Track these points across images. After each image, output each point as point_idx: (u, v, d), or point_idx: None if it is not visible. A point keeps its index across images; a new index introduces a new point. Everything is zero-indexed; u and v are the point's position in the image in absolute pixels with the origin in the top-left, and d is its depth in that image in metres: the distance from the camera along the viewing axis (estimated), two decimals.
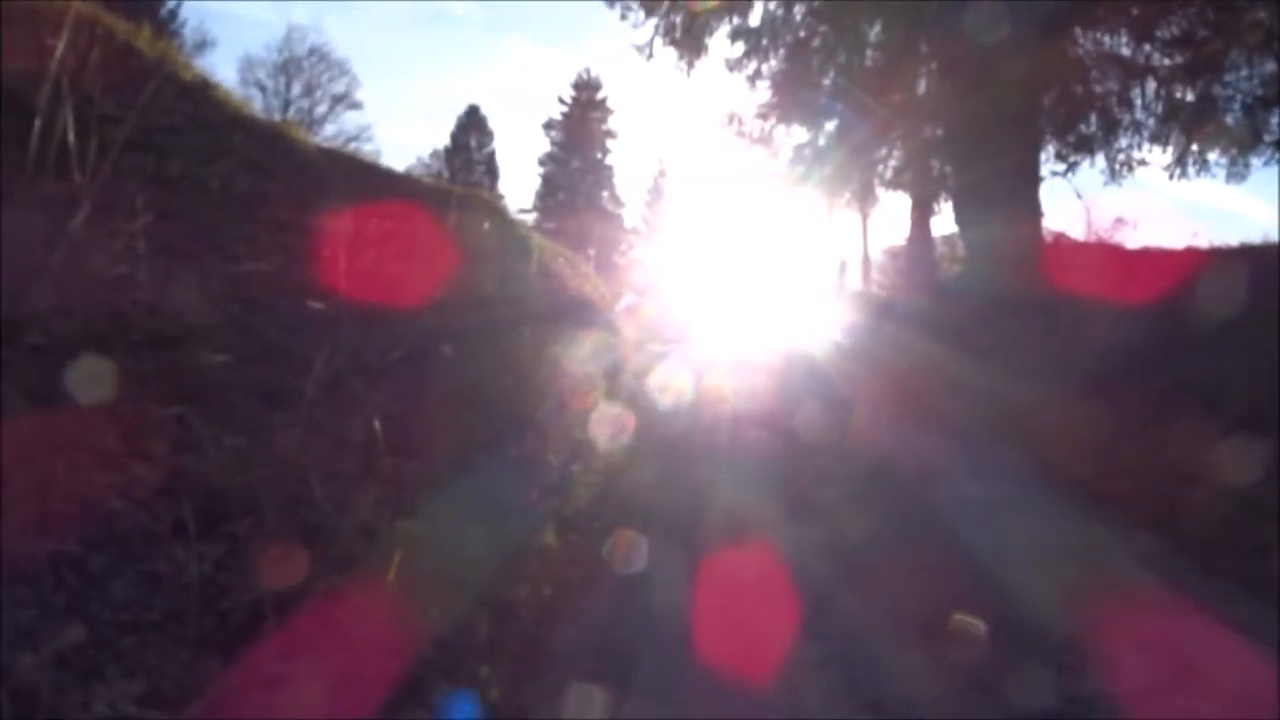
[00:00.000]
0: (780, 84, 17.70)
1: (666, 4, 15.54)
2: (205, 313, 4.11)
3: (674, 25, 15.73)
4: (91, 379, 3.20)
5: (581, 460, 7.07)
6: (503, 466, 5.68)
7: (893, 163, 20.24)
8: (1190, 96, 15.32)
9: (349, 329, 4.96)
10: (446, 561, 4.07)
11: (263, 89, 46.52)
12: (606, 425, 8.73)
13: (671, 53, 16.16)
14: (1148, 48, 15.24)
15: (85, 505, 2.86)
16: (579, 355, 9.89)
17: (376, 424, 4.36)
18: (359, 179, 7.68)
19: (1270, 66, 14.18)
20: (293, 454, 3.77)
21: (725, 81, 18.10)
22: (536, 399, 7.30)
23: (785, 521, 6.50)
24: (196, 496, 3.18)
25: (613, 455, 7.91)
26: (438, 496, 4.50)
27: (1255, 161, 15.63)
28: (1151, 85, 15.71)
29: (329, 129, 46.85)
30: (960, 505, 6.79)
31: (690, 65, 16.28)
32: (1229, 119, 15.24)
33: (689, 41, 15.96)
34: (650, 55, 16.07)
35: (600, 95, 59.22)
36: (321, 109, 47.93)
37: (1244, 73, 14.69)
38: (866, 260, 25.61)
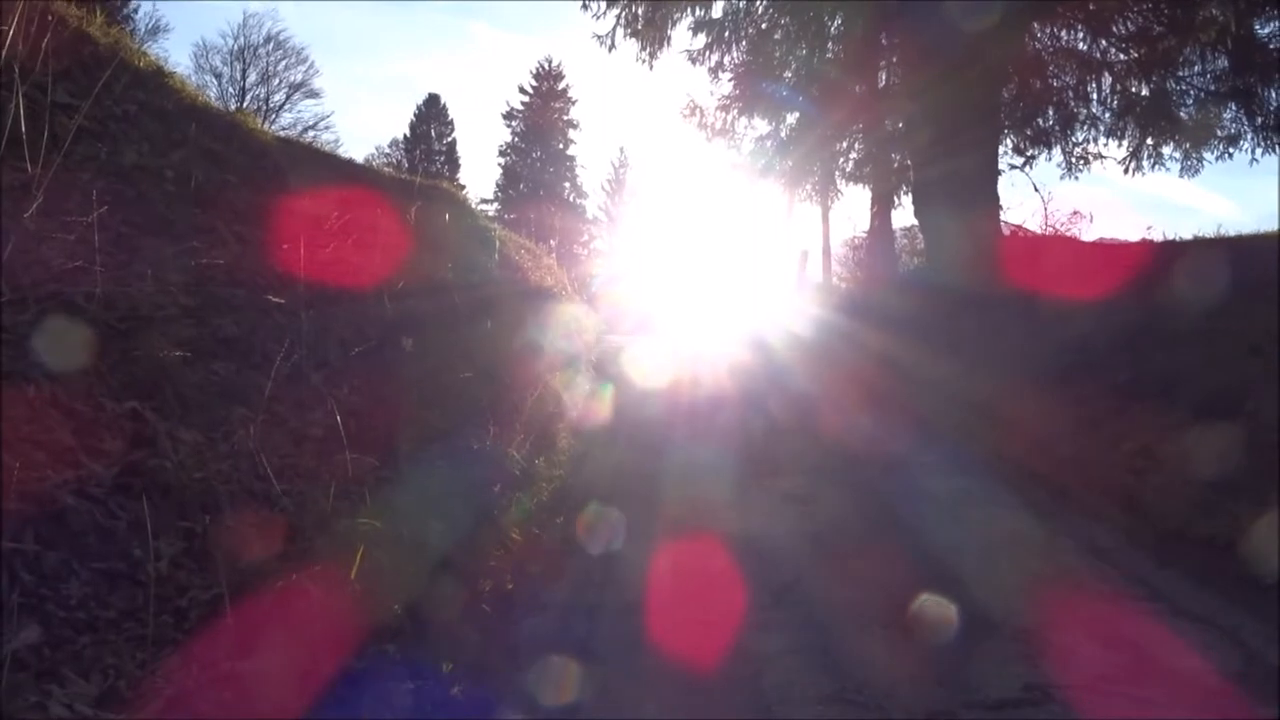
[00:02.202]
0: (742, 76, 17.70)
1: None
2: (161, 305, 4.04)
3: (636, 16, 15.66)
4: (45, 373, 3.14)
5: (544, 451, 7.06)
6: (465, 459, 5.66)
7: (854, 155, 20.34)
8: (1145, 91, 15.53)
9: (308, 321, 4.92)
10: (408, 556, 4.05)
11: (218, 76, 45.89)
12: (569, 416, 8.73)
13: (633, 44, 16.10)
14: (1104, 43, 15.43)
15: (40, 502, 2.81)
16: (541, 346, 9.87)
17: (337, 418, 4.32)
18: (318, 169, 7.59)
19: (1223, 62, 14.41)
20: (251, 449, 3.73)
21: (687, 73, 18.10)
22: (499, 391, 7.28)
23: (746, 511, 6.56)
24: (153, 492, 3.14)
25: (575, 446, 7.92)
26: (399, 491, 4.48)
27: (1208, 156, 15.92)
28: (1107, 80, 15.91)
29: (286, 117, 46.36)
30: (919, 497, 6.87)
31: (652, 57, 16.23)
32: (1183, 114, 15.49)
33: (651, 33, 15.89)
34: (612, 46, 16.00)
35: (562, 85, 59.13)
36: (279, 97, 47.33)
37: (1198, 69, 14.92)
38: (827, 252, 25.73)
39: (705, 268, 30.49)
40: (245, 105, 42.68)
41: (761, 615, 4.65)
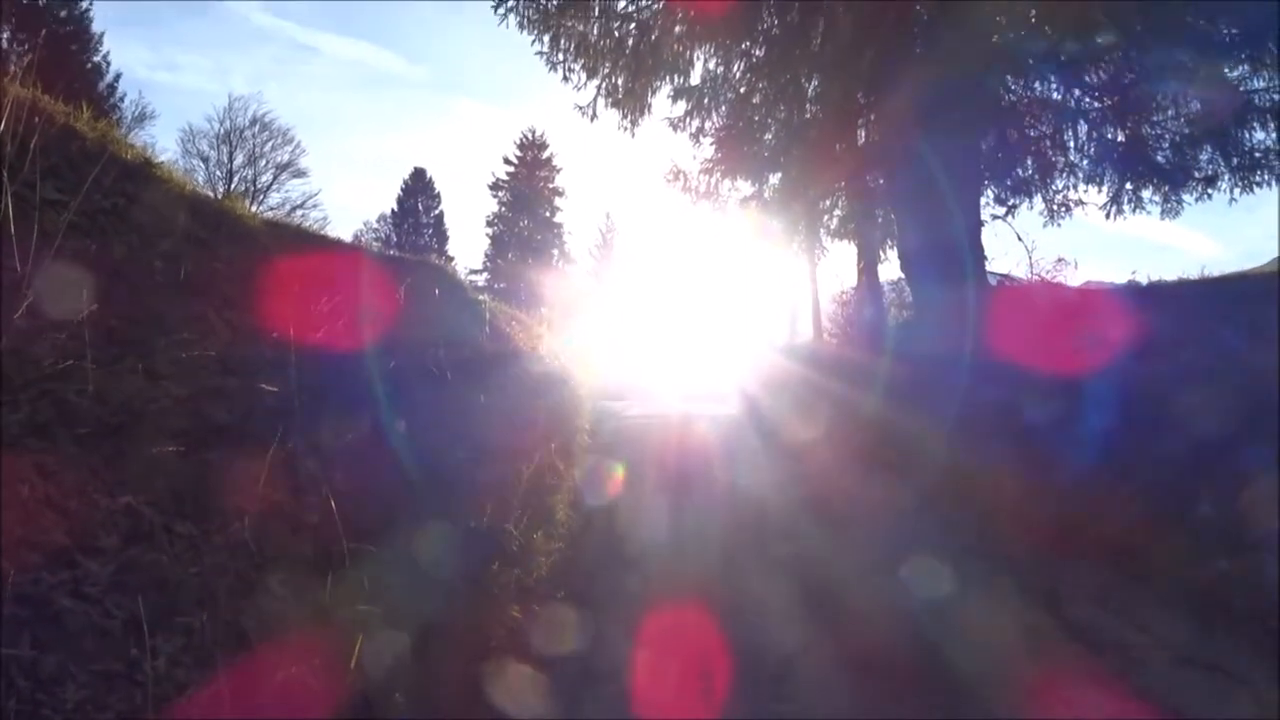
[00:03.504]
0: (723, 140, 17.90)
1: (608, 66, 15.72)
2: (153, 398, 4.04)
3: (616, 86, 15.88)
4: (40, 473, 3.13)
5: (542, 525, 7.02)
6: (462, 538, 5.62)
7: (838, 212, 20.54)
8: (1121, 137, 15.75)
9: (301, 406, 4.91)
10: (408, 641, 4.00)
11: (205, 160, 46.38)
12: (565, 486, 8.69)
13: (615, 113, 16.31)
14: (1077, 92, 15.68)
15: (34, 605, 2.78)
16: (535, 417, 9.86)
17: (332, 503, 4.30)
18: (307, 250, 7.64)
19: (1195, 105, 14.66)
20: (247, 539, 3.70)
21: (670, 138, 18.24)
22: (493, 465, 7.25)
23: (743, 580, 6.54)
24: (149, 589, 3.11)
25: (573, 517, 7.89)
26: (397, 574, 4.44)
27: (1188, 198, 16.06)
28: (1083, 128, 16.14)
29: (274, 197, 46.90)
30: (912, 553, 6.84)
31: (634, 124, 16.42)
32: (1160, 158, 15.68)
33: (631, 102, 16.10)
34: (594, 116, 16.20)
35: (546, 154, 59.93)
36: (266, 177, 47.83)
37: (1171, 113, 15.16)
38: (817, 309, 25.86)
39: (695, 328, 30.63)
40: (233, 187, 43.19)
41: (760, 690, 4.61)
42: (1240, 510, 5.96)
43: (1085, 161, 16.53)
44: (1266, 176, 14.87)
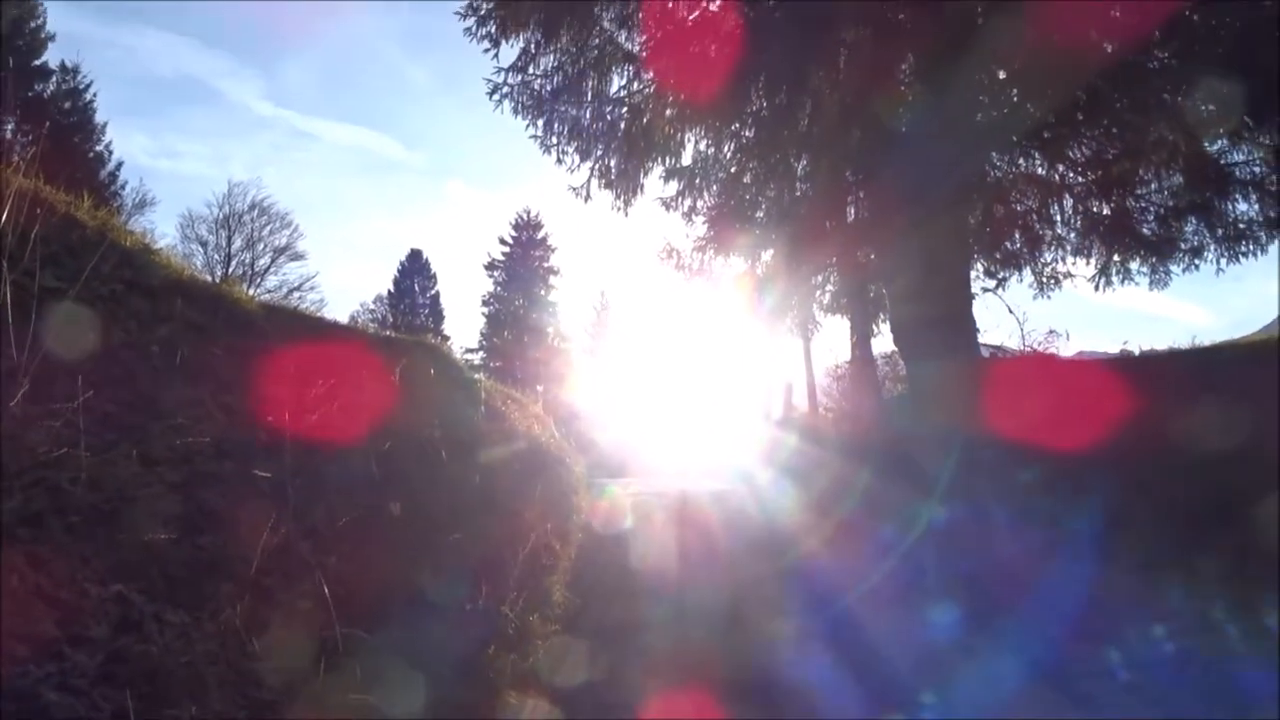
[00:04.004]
0: (715, 218, 18.05)
1: (601, 148, 15.94)
2: (147, 483, 4.03)
3: (609, 168, 16.05)
4: (31, 563, 3.11)
5: (538, 608, 6.94)
6: (458, 621, 5.56)
7: (830, 288, 20.66)
8: (1106, 211, 15.91)
9: (295, 490, 4.89)
10: None
11: (204, 244, 46.83)
12: (561, 566, 8.62)
13: (608, 194, 16.45)
14: (1061, 167, 15.89)
15: (22, 699, 2.74)
16: (530, 497, 9.80)
17: (325, 589, 4.26)
18: (303, 333, 7.67)
19: (1179, 179, 14.85)
20: (238, 627, 3.66)
21: (663, 216, 18.35)
22: (489, 547, 7.19)
23: (744, 658, 6.50)
24: (138, 680, 3.06)
25: (569, 598, 7.80)
26: (392, 660, 4.38)
27: (1175, 269, 16.17)
28: (1069, 202, 16.32)
29: (272, 280, 47.29)
30: (909, 633, 6.80)
31: (627, 204, 16.53)
32: (1146, 230, 15.83)
33: (624, 183, 16.24)
34: (588, 197, 16.34)
35: (541, 234, 60.48)
36: (264, 261, 48.27)
37: (1155, 186, 15.34)
38: (811, 384, 25.93)
39: (689, 403, 30.62)
40: (231, 271, 43.61)
41: None
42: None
43: (1072, 234, 16.69)
44: (1251, 247, 15.05)
